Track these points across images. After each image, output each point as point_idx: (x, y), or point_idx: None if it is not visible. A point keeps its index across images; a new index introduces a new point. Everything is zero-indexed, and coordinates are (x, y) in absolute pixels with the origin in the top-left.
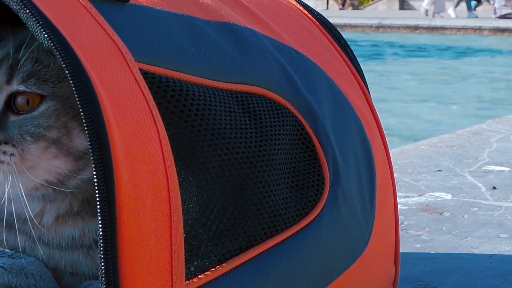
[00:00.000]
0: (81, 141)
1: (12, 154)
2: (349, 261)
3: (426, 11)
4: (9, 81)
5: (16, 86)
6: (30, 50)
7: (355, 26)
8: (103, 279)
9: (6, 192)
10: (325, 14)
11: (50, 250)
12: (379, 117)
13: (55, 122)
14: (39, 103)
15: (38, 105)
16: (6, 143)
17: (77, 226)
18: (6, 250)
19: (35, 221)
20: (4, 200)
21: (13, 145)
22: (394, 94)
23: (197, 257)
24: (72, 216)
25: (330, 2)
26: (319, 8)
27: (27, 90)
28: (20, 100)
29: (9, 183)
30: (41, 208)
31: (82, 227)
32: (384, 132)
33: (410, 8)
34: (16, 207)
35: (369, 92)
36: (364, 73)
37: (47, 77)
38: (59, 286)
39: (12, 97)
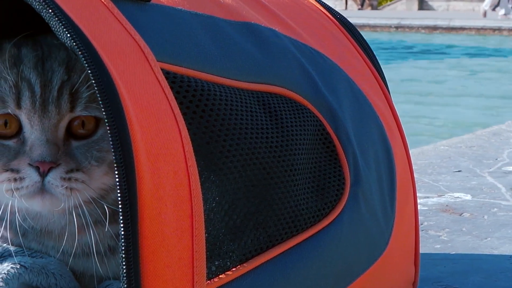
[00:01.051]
0: None
1: (83, 181)
2: (369, 261)
3: (485, 12)
4: (72, 108)
5: (79, 112)
6: (83, 75)
7: (373, 27)
8: (125, 278)
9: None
10: (343, 14)
11: (64, 257)
12: (399, 117)
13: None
14: (96, 126)
15: (95, 129)
16: (78, 170)
17: (94, 234)
18: (26, 250)
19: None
20: (29, 219)
21: (83, 172)
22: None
23: (218, 257)
24: (92, 226)
25: (348, 2)
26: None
27: (90, 114)
28: (76, 123)
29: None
30: (65, 222)
31: (98, 234)
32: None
33: (429, 8)
34: (41, 223)
35: (389, 92)
36: (384, 73)
37: (95, 96)
38: (79, 285)
39: (69, 123)
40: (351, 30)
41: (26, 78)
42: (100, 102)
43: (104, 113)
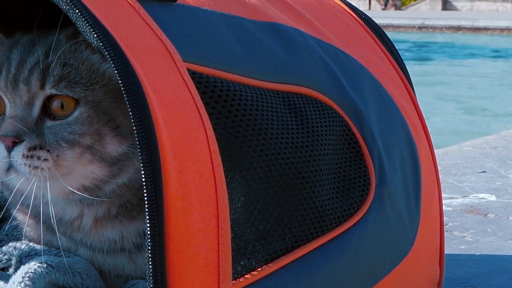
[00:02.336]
0: (113, 147)
1: (45, 159)
2: (395, 262)
3: None
4: (42, 86)
5: (49, 90)
6: (58, 54)
7: (397, 27)
8: (151, 278)
9: (41, 196)
10: (367, 14)
11: (93, 254)
12: (424, 117)
13: (89, 129)
14: (73, 108)
15: (72, 111)
16: (41, 148)
17: (115, 228)
18: (52, 249)
19: (75, 224)
20: (41, 203)
21: (48, 151)
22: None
23: (244, 257)
24: (110, 219)
25: (372, 3)
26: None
27: (59, 93)
28: (55, 104)
29: (47, 187)
30: (79, 211)
31: (120, 230)
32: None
33: (453, 8)
34: (55, 210)
35: (414, 93)
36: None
37: (78, 79)
38: (105, 285)
39: (47, 101)
40: (376, 30)
41: (10, 60)
42: (127, 102)
43: (131, 113)
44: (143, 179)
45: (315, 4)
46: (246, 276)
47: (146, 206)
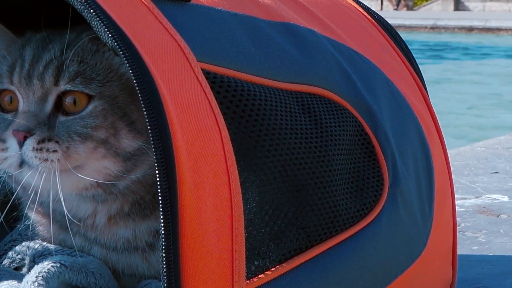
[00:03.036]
0: (128, 142)
1: (54, 151)
2: (407, 262)
3: None
4: (57, 82)
5: (63, 86)
6: (73, 50)
7: (409, 27)
8: (165, 277)
9: (53, 191)
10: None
11: (107, 252)
12: (437, 118)
13: (103, 122)
14: (87, 103)
15: (85, 106)
16: (50, 140)
17: (129, 227)
18: (66, 248)
19: (88, 222)
20: (51, 200)
21: (57, 142)
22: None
23: (258, 257)
24: (123, 217)
25: (384, 3)
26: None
27: (74, 89)
28: (68, 100)
29: (58, 180)
30: (93, 209)
31: (133, 229)
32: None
33: (465, 9)
34: (68, 207)
35: (427, 93)
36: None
37: (94, 75)
38: (118, 285)
39: (60, 97)
40: (389, 31)
41: (23, 56)
42: (142, 102)
43: (145, 112)
44: (158, 179)
45: (328, 4)
46: (260, 276)
47: (161, 205)
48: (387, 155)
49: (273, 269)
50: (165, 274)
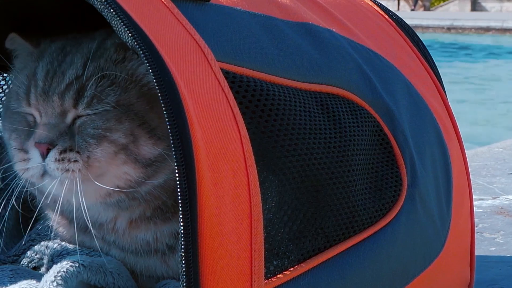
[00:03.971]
0: (148, 149)
1: (75, 161)
2: (425, 263)
3: None
4: (75, 105)
5: (81, 110)
6: (100, 66)
7: (426, 27)
8: (184, 276)
9: (75, 200)
10: None
11: (126, 255)
12: (455, 118)
13: (116, 125)
14: None
15: None
16: (71, 150)
17: (150, 230)
18: (84, 248)
19: (109, 226)
20: (75, 208)
21: (78, 152)
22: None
23: (277, 257)
24: (144, 221)
25: (401, 3)
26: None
27: (91, 112)
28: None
29: (80, 190)
30: (115, 214)
31: (154, 232)
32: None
33: (482, 9)
34: (91, 214)
35: (445, 93)
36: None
37: (112, 87)
38: (136, 285)
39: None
40: (407, 31)
41: (36, 74)
42: (161, 101)
43: (165, 111)
44: (177, 178)
45: (346, 5)
46: (278, 275)
47: (180, 204)
48: (406, 155)
49: (291, 269)
50: (184, 273)
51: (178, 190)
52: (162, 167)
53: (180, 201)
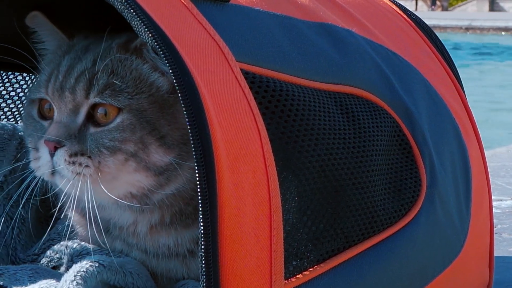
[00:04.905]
0: (159, 157)
1: (87, 166)
2: (445, 263)
3: None
4: (87, 95)
5: (93, 99)
6: (105, 63)
7: (444, 28)
8: (204, 277)
9: (87, 200)
10: None
11: (147, 257)
12: (474, 118)
13: (130, 136)
14: (115, 115)
15: (113, 118)
16: (82, 154)
17: (171, 236)
18: (104, 248)
19: (130, 229)
20: (88, 207)
21: (89, 157)
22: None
23: (296, 257)
24: (164, 227)
25: (419, 3)
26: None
27: (103, 101)
28: (99, 111)
29: (91, 193)
30: (134, 218)
31: (175, 237)
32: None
33: (500, 9)
34: (108, 214)
35: (464, 94)
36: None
37: (123, 87)
38: (155, 286)
39: (91, 109)
40: (427, 31)
41: (59, 67)
42: (181, 101)
43: (185, 112)
44: (197, 178)
45: (365, 5)
46: (297, 276)
47: (200, 205)
48: (425, 156)
49: (311, 269)
50: (204, 273)
51: (198, 190)
52: (174, 176)
53: (200, 201)
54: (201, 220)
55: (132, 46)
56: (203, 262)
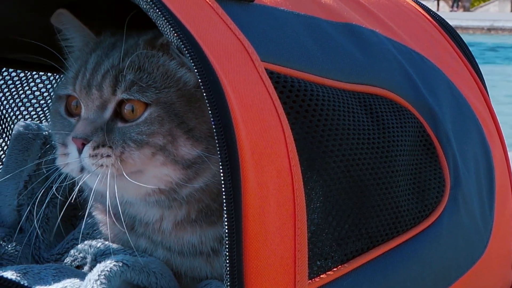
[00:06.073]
0: (186, 150)
1: (108, 156)
2: (468, 265)
3: None
4: (114, 91)
5: (120, 95)
6: (130, 58)
7: (466, 28)
8: (228, 276)
9: (109, 193)
10: None
11: (172, 255)
12: (497, 119)
13: (159, 128)
14: (143, 110)
15: (142, 113)
16: (103, 145)
17: (195, 233)
18: (128, 248)
19: (155, 226)
20: (114, 202)
21: (110, 147)
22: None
23: (321, 257)
24: (190, 223)
25: (441, 4)
26: None
27: (130, 97)
28: (126, 108)
29: (115, 185)
30: (160, 214)
31: (200, 235)
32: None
33: None
34: (135, 211)
35: (488, 94)
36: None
37: (150, 82)
38: (179, 285)
39: (119, 106)
40: (450, 32)
41: (86, 64)
42: (207, 101)
43: (210, 111)
44: (222, 177)
45: (389, 5)
46: (321, 276)
47: (225, 204)
48: (449, 156)
49: (335, 269)
50: (228, 273)
51: (223, 189)
52: (203, 170)
53: (224, 201)
54: (226, 219)
55: (159, 42)
56: (227, 261)
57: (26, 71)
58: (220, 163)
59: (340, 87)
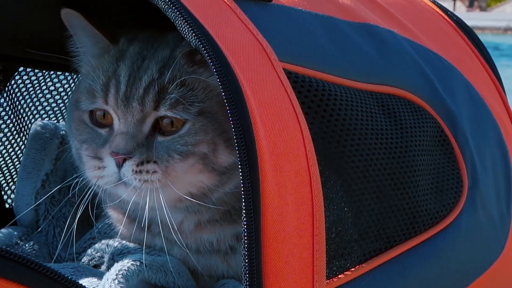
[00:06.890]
0: (224, 157)
1: (154, 172)
2: (485, 265)
3: None
4: (157, 107)
5: (164, 112)
6: (173, 73)
7: (482, 28)
8: (247, 275)
9: (147, 205)
10: None
11: (188, 254)
12: None
13: (204, 137)
14: (183, 123)
15: (183, 124)
16: (148, 161)
17: (215, 232)
18: (144, 248)
19: (176, 227)
20: (148, 213)
21: (155, 162)
22: None
23: (339, 257)
24: (212, 223)
25: (457, 4)
26: None
27: (177, 116)
28: (165, 121)
29: (153, 198)
30: (183, 217)
31: (218, 233)
32: None
33: None
34: (160, 216)
35: (505, 95)
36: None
37: (193, 98)
38: (196, 285)
39: (158, 120)
40: (467, 32)
41: (118, 75)
42: (225, 101)
43: (229, 110)
44: (241, 177)
45: (406, 6)
46: (339, 275)
47: (243, 204)
48: (466, 157)
49: (353, 269)
50: (247, 272)
51: (242, 189)
52: (235, 175)
53: (243, 200)
54: (245, 219)
55: (198, 58)
56: (246, 261)
57: (44, 70)
58: (239, 163)
59: (358, 87)
